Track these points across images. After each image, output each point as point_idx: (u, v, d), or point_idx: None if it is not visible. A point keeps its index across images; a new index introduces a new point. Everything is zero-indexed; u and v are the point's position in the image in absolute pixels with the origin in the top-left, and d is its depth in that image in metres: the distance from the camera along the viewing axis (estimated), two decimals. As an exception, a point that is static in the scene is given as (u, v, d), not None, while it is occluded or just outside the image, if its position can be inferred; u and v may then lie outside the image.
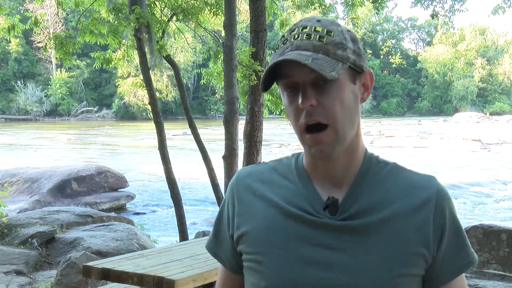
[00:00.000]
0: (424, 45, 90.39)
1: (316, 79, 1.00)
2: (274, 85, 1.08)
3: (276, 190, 1.12)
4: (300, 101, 1.01)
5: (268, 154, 23.70)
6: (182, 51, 52.30)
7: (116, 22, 7.84)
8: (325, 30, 1.03)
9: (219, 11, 8.21)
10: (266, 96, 7.53)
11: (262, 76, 1.04)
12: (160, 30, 7.99)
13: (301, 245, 1.05)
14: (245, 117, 6.85)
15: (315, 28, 1.03)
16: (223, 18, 6.76)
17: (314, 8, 9.84)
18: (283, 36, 1.06)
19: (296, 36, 1.03)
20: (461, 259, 1.09)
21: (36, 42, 54.20)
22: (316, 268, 1.03)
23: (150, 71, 7.87)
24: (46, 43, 8.41)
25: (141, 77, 8.07)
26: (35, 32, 14.00)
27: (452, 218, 1.08)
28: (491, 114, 69.76)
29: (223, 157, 6.30)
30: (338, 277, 1.02)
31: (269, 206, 1.10)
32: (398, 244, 1.03)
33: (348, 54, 1.03)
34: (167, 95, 56.99)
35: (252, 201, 1.13)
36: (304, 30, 1.03)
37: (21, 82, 56.74)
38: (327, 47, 1.01)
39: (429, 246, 1.04)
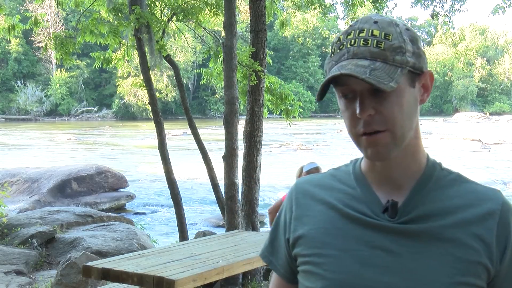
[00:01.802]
0: (424, 45, 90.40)
1: (375, 87, 0.98)
2: (274, 85, 1.07)
3: (335, 194, 1.11)
4: (358, 110, 0.99)
5: (268, 154, 23.70)
6: (182, 51, 52.31)
7: (116, 22, 7.84)
8: (383, 34, 0.99)
9: (219, 11, 8.21)
10: (266, 96, 7.52)
11: (319, 86, 1.02)
12: (160, 30, 7.99)
13: (360, 247, 1.04)
14: (245, 117, 6.85)
15: (372, 32, 0.99)
16: (223, 18, 6.76)
17: (314, 8, 9.83)
18: (338, 39, 1.03)
19: (353, 41, 1.00)
20: None
21: (36, 42, 54.20)
22: (373, 271, 1.02)
23: (150, 71, 7.88)
24: (46, 43, 8.42)
25: (141, 77, 8.07)
26: (35, 32, 13.98)
27: None
28: (491, 114, 69.77)
29: (223, 157, 6.30)
30: (395, 281, 1.00)
31: (328, 208, 1.10)
32: (460, 252, 1.00)
33: (407, 58, 1.00)
34: (167, 95, 56.99)
35: (310, 204, 1.13)
36: (361, 35, 1.00)
37: (21, 82, 56.73)
38: (385, 53, 0.98)
39: (491, 258, 1.01)
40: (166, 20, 8.33)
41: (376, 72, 0.96)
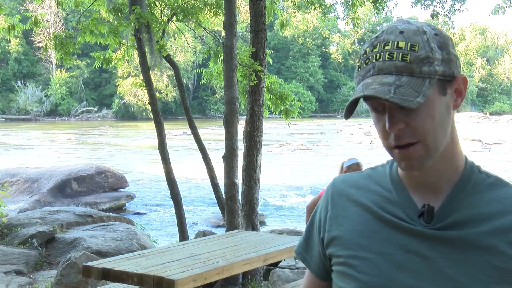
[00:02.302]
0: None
1: None
2: (274, 85, 1.06)
3: (371, 196, 1.10)
4: (387, 125, 0.98)
5: (268, 154, 23.71)
6: (182, 51, 52.33)
7: (116, 22, 7.84)
8: (409, 45, 0.97)
9: (219, 11, 8.21)
10: (266, 96, 7.52)
11: (347, 104, 1.01)
12: (160, 30, 7.99)
13: (394, 251, 1.03)
14: (245, 117, 6.85)
15: (397, 44, 0.98)
16: (223, 18, 6.76)
17: (314, 8, 9.83)
18: (365, 52, 1.02)
19: (378, 55, 0.99)
20: None
21: (36, 42, 54.22)
22: (408, 275, 1.01)
23: (150, 71, 7.88)
24: (46, 43, 8.42)
25: (141, 77, 8.07)
26: (35, 32, 14.00)
27: None
28: (491, 114, 69.79)
29: (223, 157, 6.30)
30: (429, 286, 1.00)
31: (363, 210, 1.10)
32: (496, 260, 0.99)
33: (435, 68, 0.97)
34: (167, 95, 57.00)
35: (346, 205, 1.13)
36: (386, 48, 0.98)
37: (21, 82, 56.75)
38: (411, 66, 0.96)
39: None
40: (166, 20, 8.34)
41: (401, 89, 0.95)
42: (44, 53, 50.87)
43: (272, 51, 16.28)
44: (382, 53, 0.99)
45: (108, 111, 60.32)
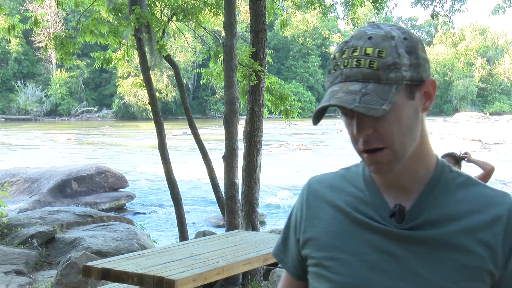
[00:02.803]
0: (424, 45, 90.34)
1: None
2: (274, 85, 1.07)
3: (344, 197, 1.12)
4: (355, 131, 1.00)
5: (268, 154, 23.70)
6: (182, 51, 52.31)
7: (116, 22, 7.84)
8: (376, 51, 0.98)
9: (219, 11, 8.21)
10: (266, 96, 7.52)
11: (314, 111, 1.03)
12: (160, 30, 7.99)
13: (367, 251, 1.05)
14: (245, 117, 6.85)
15: (365, 50, 0.98)
16: (223, 18, 6.76)
17: (314, 8, 9.83)
18: (334, 57, 1.03)
19: (346, 62, 0.99)
20: None
21: (36, 42, 54.20)
22: (380, 275, 1.03)
23: (150, 71, 7.88)
24: (46, 43, 8.42)
25: (141, 77, 8.07)
26: (35, 32, 13.99)
27: None
28: (491, 114, 69.79)
29: (223, 157, 6.30)
30: (401, 286, 1.02)
31: (337, 212, 1.11)
32: (465, 259, 1.01)
33: (402, 73, 0.98)
34: (167, 95, 56.99)
35: (320, 206, 1.14)
36: (354, 54, 0.99)
37: (21, 82, 56.74)
38: (378, 73, 0.97)
39: (496, 263, 1.02)
40: (166, 20, 8.33)
41: (366, 97, 0.96)
42: (44, 53, 50.80)
43: (272, 51, 16.28)
44: (350, 60, 0.99)
45: (108, 111, 60.31)
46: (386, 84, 0.97)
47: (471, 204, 1.04)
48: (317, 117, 1.03)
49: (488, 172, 5.17)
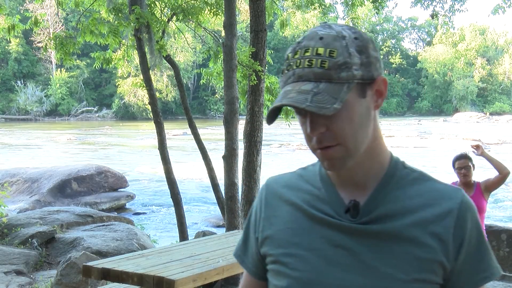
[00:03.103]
0: (424, 45, 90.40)
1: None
2: (274, 85, 1.07)
3: (301, 195, 1.15)
4: (308, 130, 1.02)
5: (268, 154, 23.70)
6: (182, 51, 52.32)
7: (116, 22, 7.84)
8: (328, 51, 1.00)
9: (219, 11, 8.21)
10: (266, 96, 7.52)
11: (268, 111, 1.05)
12: (160, 30, 7.99)
13: (323, 246, 1.08)
14: (245, 117, 6.85)
15: (316, 50, 1.01)
16: (223, 18, 6.76)
17: (314, 8, 9.83)
18: (287, 58, 1.05)
19: (298, 62, 1.02)
20: (480, 272, 1.09)
21: (36, 42, 54.22)
22: (337, 269, 1.06)
23: (150, 71, 7.88)
24: (46, 43, 8.42)
25: (141, 77, 8.07)
26: (35, 32, 13.98)
27: (475, 230, 1.08)
28: (491, 114, 69.79)
29: (223, 157, 6.30)
30: (356, 278, 1.05)
31: (294, 209, 1.14)
32: (417, 251, 1.04)
33: (353, 72, 1.01)
34: (167, 95, 57.00)
35: (278, 205, 1.17)
36: (306, 54, 1.01)
37: (21, 82, 56.76)
38: (329, 73, 0.99)
39: (448, 255, 1.05)
40: (166, 20, 8.34)
41: (318, 96, 0.98)
42: (44, 53, 50.83)
43: (272, 51, 16.27)
44: (302, 60, 1.01)
45: (108, 111, 60.33)
46: (338, 83, 1.00)
47: (424, 198, 1.07)
48: (271, 117, 1.05)
49: (503, 176, 4.85)
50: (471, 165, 4.85)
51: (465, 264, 1.07)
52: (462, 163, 4.82)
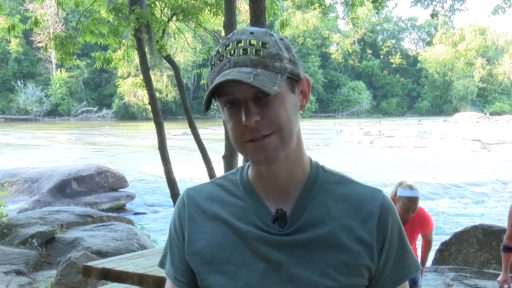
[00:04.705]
0: (424, 45, 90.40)
1: (257, 94, 1.00)
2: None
3: (226, 208, 1.12)
4: (244, 118, 1.00)
5: (268, 154, 23.64)
6: (182, 51, 52.32)
7: (116, 22, 7.84)
8: (260, 43, 1.02)
9: (219, 11, 8.22)
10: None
11: (205, 96, 1.03)
12: (160, 30, 7.99)
13: (254, 260, 1.06)
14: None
15: (249, 41, 1.02)
16: (223, 18, 6.76)
17: (314, 8, 9.84)
18: (217, 52, 1.04)
19: (232, 51, 1.02)
20: (401, 270, 1.12)
21: (36, 42, 54.23)
22: (270, 283, 1.05)
23: (150, 71, 7.88)
24: (46, 43, 8.42)
25: (141, 77, 8.07)
26: (35, 32, 13.99)
27: (395, 231, 1.10)
28: (491, 114, 69.81)
29: (223, 157, 6.30)
30: None
31: (220, 224, 1.11)
32: (344, 257, 1.05)
33: (285, 65, 1.03)
34: (167, 95, 57.01)
35: (202, 220, 1.13)
36: (240, 45, 1.02)
37: (21, 82, 56.76)
38: (264, 60, 1.01)
39: (373, 257, 1.07)
40: (166, 20, 8.34)
41: (259, 77, 0.98)
42: (44, 53, 50.82)
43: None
44: (236, 49, 1.02)
45: (108, 111, 60.34)
46: (273, 72, 1.01)
47: (347, 202, 1.09)
48: (209, 102, 1.04)
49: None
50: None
51: (387, 264, 1.09)
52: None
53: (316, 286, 1.04)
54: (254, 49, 1.01)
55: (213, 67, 1.04)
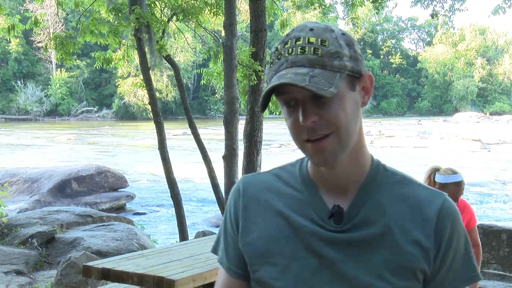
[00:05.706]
0: (424, 45, 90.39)
1: (315, 94, 0.98)
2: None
3: (282, 199, 1.11)
4: (301, 118, 0.99)
5: (268, 154, 23.70)
6: (182, 51, 52.32)
7: (116, 22, 7.84)
8: (319, 40, 1.00)
9: (219, 11, 8.21)
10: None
11: (261, 97, 1.03)
12: (160, 30, 7.99)
13: (307, 255, 1.06)
14: (245, 117, 6.85)
15: (308, 39, 1.00)
16: (223, 18, 6.76)
17: (314, 8, 9.84)
18: (276, 49, 1.04)
19: (290, 50, 1.00)
20: (461, 276, 1.08)
21: (36, 42, 54.21)
22: (321, 279, 1.05)
23: (150, 71, 7.87)
24: (46, 43, 8.42)
25: (141, 77, 8.07)
26: (35, 32, 13.98)
27: (455, 236, 1.07)
28: (491, 114, 69.77)
29: (223, 157, 6.30)
30: (340, 287, 1.04)
31: (275, 216, 1.10)
32: (399, 259, 1.03)
33: (345, 63, 1.00)
34: (167, 95, 56.99)
35: (257, 210, 1.12)
36: (298, 43, 1.00)
37: (21, 82, 56.75)
38: (323, 59, 0.99)
39: (429, 261, 1.05)
40: (166, 20, 8.33)
41: (315, 79, 0.97)
42: (44, 53, 50.90)
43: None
44: (294, 48, 1.00)
45: (108, 111, 60.32)
46: (331, 71, 0.99)
47: (405, 204, 1.06)
48: (266, 102, 1.03)
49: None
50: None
51: (445, 270, 1.06)
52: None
53: (368, 287, 1.03)
54: (312, 48, 0.99)
55: (271, 65, 1.04)
